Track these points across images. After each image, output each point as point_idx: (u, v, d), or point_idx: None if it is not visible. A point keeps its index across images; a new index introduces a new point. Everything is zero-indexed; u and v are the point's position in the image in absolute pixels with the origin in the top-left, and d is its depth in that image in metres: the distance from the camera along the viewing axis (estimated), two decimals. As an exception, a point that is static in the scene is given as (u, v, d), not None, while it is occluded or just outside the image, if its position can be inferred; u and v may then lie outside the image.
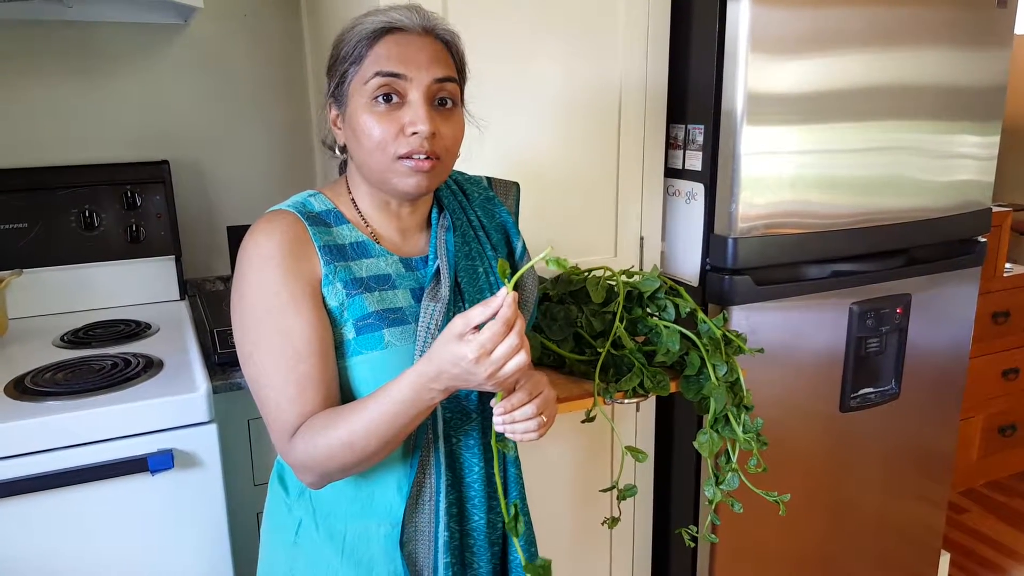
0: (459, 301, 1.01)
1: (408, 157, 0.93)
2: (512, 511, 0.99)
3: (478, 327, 0.81)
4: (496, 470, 1.00)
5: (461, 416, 1.02)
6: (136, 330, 1.65)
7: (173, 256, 1.87)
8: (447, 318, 0.96)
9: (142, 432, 1.27)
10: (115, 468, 1.24)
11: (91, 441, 1.24)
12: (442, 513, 0.99)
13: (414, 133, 0.92)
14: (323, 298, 0.95)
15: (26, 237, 1.74)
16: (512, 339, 0.80)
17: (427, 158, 0.93)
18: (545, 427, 0.93)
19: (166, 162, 1.87)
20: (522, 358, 0.81)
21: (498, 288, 1.04)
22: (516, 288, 1.10)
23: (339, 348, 0.97)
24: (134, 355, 1.47)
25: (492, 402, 0.91)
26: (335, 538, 1.02)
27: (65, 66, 1.81)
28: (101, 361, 1.44)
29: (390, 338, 0.96)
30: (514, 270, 1.12)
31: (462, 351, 0.80)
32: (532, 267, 1.13)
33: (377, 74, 0.92)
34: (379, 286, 0.98)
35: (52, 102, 1.82)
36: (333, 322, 0.96)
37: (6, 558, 1.22)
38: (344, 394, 0.98)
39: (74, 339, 1.60)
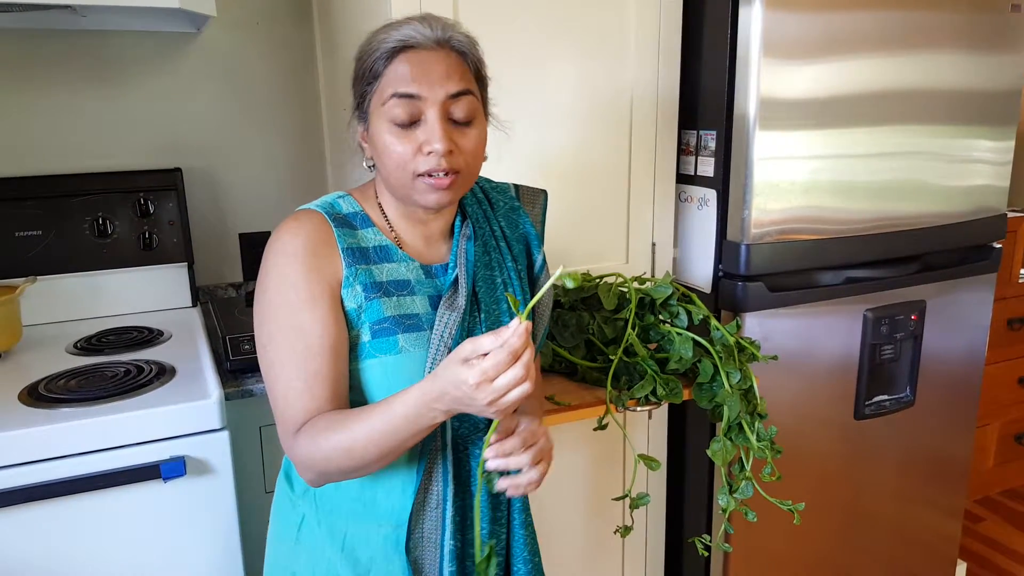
0: (476, 311, 1.02)
1: (428, 175, 0.94)
2: (487, 551, 0.98)
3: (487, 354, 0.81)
4: (476, 504, 1.00)
5: (472, 428, 1.02)
6: (149, 337, 1.65)
7: (186, 263, 1.88)
8: (462, 328, 0.97)
9: (154, 439, 1.27)
10: (127, 475, 1.24)
11: (104, 448, 1.24)
12: (448, 521, 1.00)
13: (431, 152, 0.92)
14: (342, 300, 0.96)
15: (40, 245, 1.75)
16: (516, 370, 0.79)
17: (446, 174, 0.94)
18: (537, 480, 0.94)
19: (179, 169, 1.88)
20: (525, 389, 0.81)
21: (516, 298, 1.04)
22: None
23: (354, 350, 0.98)
24: (147, 362, 1.47)
25: (487, 436, 0.91)
26: (335, 536, 1.03)
27: (78, 75, 1.83)
28: (114, 368, 1.44)
29: (404, 343, 0.97)
30: (531, 283, 1.12)
31: (464, 375, 0.80)
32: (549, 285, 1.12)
33: (393, 95, 0.93)
34: (398, 291, 0.99)
35: (65, 110, 1.83)
36: (350, 324, 0.97)
37: (18, 564, 1.22)
38: (357, 395, 0.99)
39: (87, 346, 1.61)
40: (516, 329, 0.79)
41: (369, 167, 1.03)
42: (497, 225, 1.10)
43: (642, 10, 1.60)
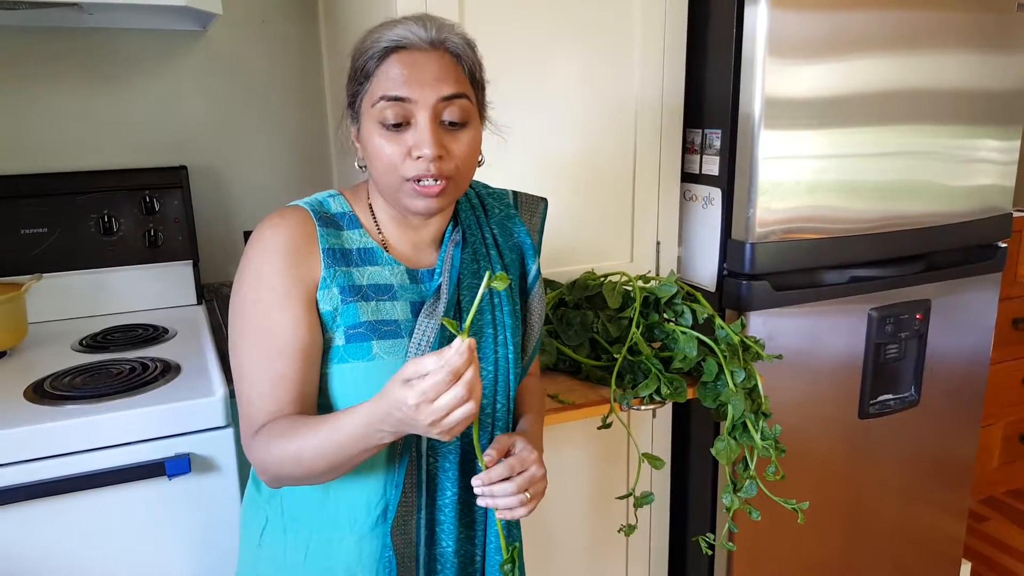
0: (458, 320, 0.99)
1: (416, 180, 0.91)
2: (511, 552, 0.98)
3: None
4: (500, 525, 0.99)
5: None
6: (154, 334, 1.66)
7: (191, 261, 1.88)
8: (442, 336, 0.95)
9: (159, 436, 1.27)
10: (133, 472, 1.25)
11: (109, 445, 1.25)
12: (422, 533, 0.99)
13: (420, 157, 0.90)
14: (317, 302, 0.95)
15: (46, 242, 1.75)
16: (457, 390, 0.77)
17: (435, 180, 0.91)
18: (529, 504, 0.92)
19: (184, 167, 1.88)
20: (469, 409, 0.78)
21: (500, 309, 1.03)
22: (524, 313, 1.08)
23: (326, 353, 0.96)
24: (152, 359, 1.47)
25: (480, 463, 0.91)
26: (299, 542, 1.02)
27: (85, 72, 1.83)
28: (119, 365, 1.45)
29: (378, 350, 0.95)
30: (524, 294, 1.09)
31: (403, 395, 0.78)
32: (543, 296, 1.11)
33: (382, 98, 0.90)
34: (377, 296, 0.97)
35: (72, 107, 1.84)
36: (325, 327, 0.95)
37: (22, 561, 1.22)
38: (325, 400, 0.98)
39: (93, 343, 1.61)
40: (458, 348, 0.77)
41: (361, 168, 1.01)
42: (489, 232, 1.07)
43: (647, 8, 1.60)
